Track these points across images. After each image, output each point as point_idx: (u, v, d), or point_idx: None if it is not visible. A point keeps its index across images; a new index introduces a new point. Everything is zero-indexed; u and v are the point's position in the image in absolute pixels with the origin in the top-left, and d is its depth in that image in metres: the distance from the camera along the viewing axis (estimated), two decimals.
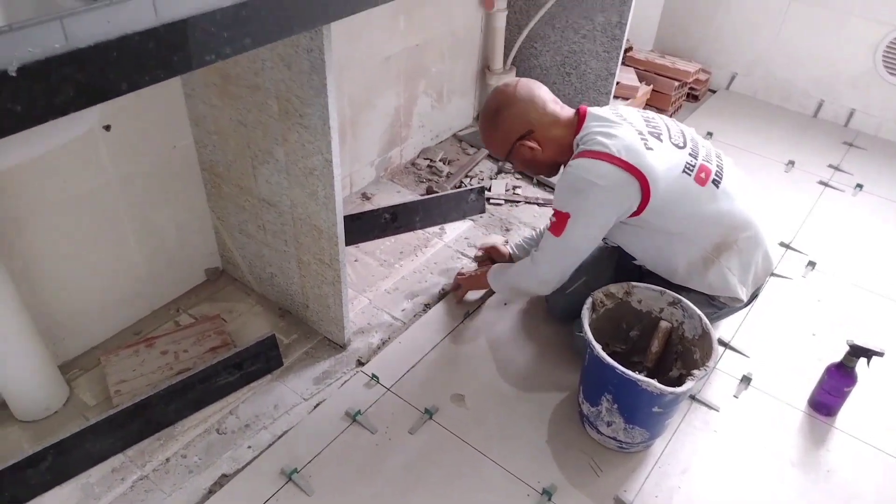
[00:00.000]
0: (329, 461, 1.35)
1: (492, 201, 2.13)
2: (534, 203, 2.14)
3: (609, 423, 1.35)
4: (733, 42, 2.79)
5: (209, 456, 1.35)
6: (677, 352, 1.44)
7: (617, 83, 2.32)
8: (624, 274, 1.54)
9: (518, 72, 2.44)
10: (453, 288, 1.78)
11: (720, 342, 1.68)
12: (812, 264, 1.96)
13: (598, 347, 1.29)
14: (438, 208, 2.01)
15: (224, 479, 1.31)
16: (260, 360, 1.49)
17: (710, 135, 2.56)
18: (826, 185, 2.33)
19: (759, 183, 2.31)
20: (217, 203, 1.63)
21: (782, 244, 2.03)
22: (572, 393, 1.53)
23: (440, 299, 1.77)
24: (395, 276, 1.83)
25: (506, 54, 2.38)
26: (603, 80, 2.27)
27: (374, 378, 1.53)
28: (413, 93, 2.17)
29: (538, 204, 2.14)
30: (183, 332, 1.55)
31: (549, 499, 1.31)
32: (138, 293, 1.60)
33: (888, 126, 2.60)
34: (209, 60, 0.81)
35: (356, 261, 1.87)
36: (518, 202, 2.14)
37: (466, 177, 2.23)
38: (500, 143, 1.50)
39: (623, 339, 1.51)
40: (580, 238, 1.40)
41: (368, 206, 2.06)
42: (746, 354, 1.66)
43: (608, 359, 1.27)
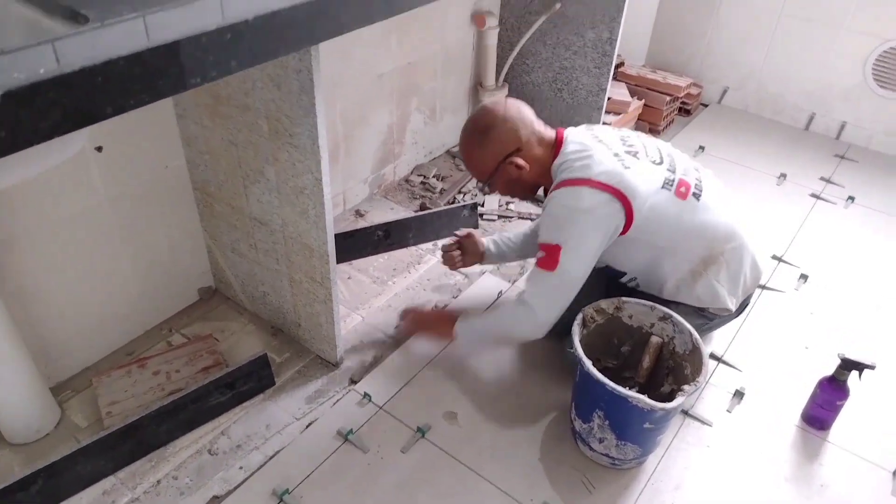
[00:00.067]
0: (321, 481, 1.35)
1: (485, 217, 2.13)
2: (527, 218, 2.15)
3: (601, 440, 1.35)
4: (724, 57, 2.81)
5: (200, 477, 1.34)
6: (669, 367, 1.44)
7: (608, 98, 2.34)
8: (614, 290, 1.55)
9: (510, 88, 2.46)
10: (405, 325, 1.67)
11: (713, 356, 1.68)
12: (804, 277, 1.96)
13: (589, 363, 1.29)
14: (431, 225, 2.02)
15: (215, 501, 1.30)
16: (252, 380, 1.49)
17: (701, 148, 2.57)
18: (818, 197, 2.33)
19: (750, 196, 2.32)
20: (209, 222, 1.64)
21: (774, 257, 2.03)
22: (565, 409, 1.52)
23: None
24: (388, 294, 1.84)
25: (498, 71, 2.40)
26: (594, 96, 2.29)
27: (367, 396, 1.52)
28: (406, 110, 2.19)
29: (531, 219, 2.15)
30: (175, 352, 1.55)
31: None
32: (131, 313, 1.60)
33: (879, 138, 2.61)
34: (194, 83, 0.82)
35: (349, 278, 1.88)
36: (511, 217, 2.15)
37: (459, 193, 2.24)
38: (486, 161, 1.47)
39: (615, 354, 1.51)
40: (576, 267, 1.37)
41: (362, 223, 2.07)
42: (739, 368, 1.66)
43: (598, 374, 1.27)
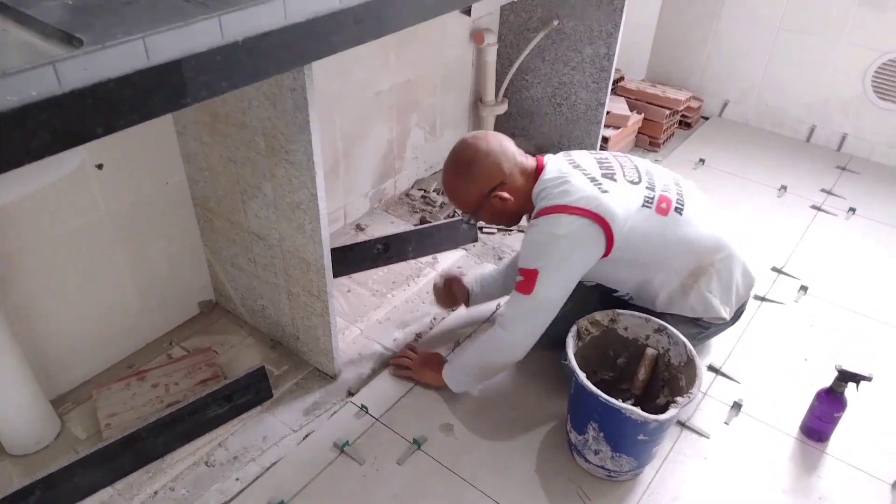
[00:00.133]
0: (316, 493, 1.36)
1: (484, 230, 2.15)
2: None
3: (596, 452, 1.35)
4: (724, 70, 2.83)
5: (197, 488, 1.36)
6: (664, 379, 1.44)
7: (607, 113, 2.36)
8: (609, 302, 1.55)
9: (510, 103, 2.48)
10: (398, 365, 1.64)
11: (711, 368, 1.68)
12: (804, 289, 1.96)
13: (582, 375, 1.30)
14: (431, 238, 2.03)
15: None
16: (250, 392, 1.50)
17: (702, 161, 2.58)
18: (819, 209, 2.33)
19: (751, 208, 2.32)
20: (209, 237, 1.66)
21: (774, 269, 2.03)
22: (561, 421, 1.53)
23: (431, 328, 1.78)
24: (387, 307, 1.85)
25: (497, 87, 2.43)
26: (593, 111, 2.31)
27: (364, 409, 1.53)
28: (406, 125, 2.22)
29: None
30: (174, 364, 1.57)
31: None
32: (132, 327, 1.62)
33: (881, 149, 2.61)
34: (185, 103, 0.84)
35: (348, 291, 1.89)
36: (510, 231, 2.16)
37: None
38: (471, 196, 1.47)
39: (611, 366, 1.52)
40: (552, 291, 1.39)
41: (362, 237, 2.08)
42: (737, 380, 1.66)
43: (592, 387, 1.28)
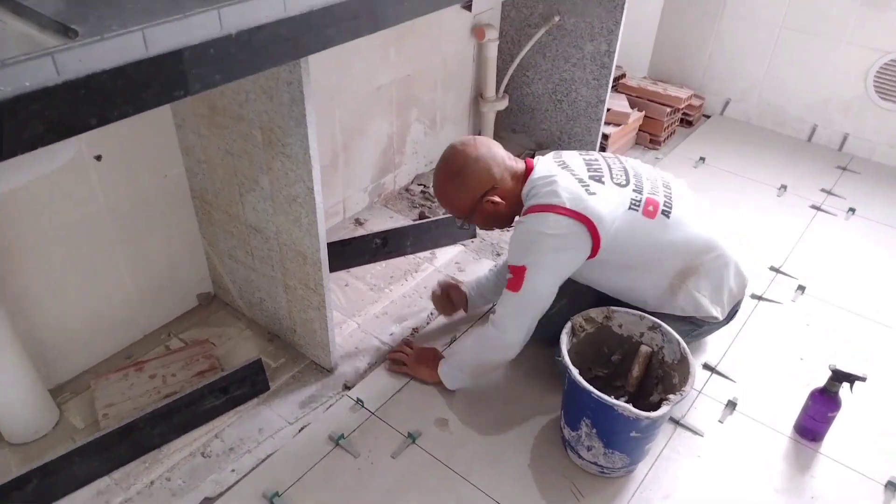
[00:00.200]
0: (311, 485, 1.37)
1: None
2: None
3: (589, 448, 1.36)
4: (726, 69, 2.82)
5: (193, 479, 1.37)
6: (658, 376, 1.44)
7: (608, 110, 2.36)
8: (604, 299, 1.56)
9: (511, 99, 2.48)
10: (394, 360, 1.64)
11: (706, 366, 1.69)
12: (802, 288, 1.96)
13: (575, 372, 1.31)
14: (429, 233, 2.04)
15: (207, 503, 1.32)
16: (246, 385, 1.51)
17: (702, 160, 2.58)
18: (818, 209, 2.33)
19: (750, 207, 2.32)
20: (208, 229, 1.67)
21: (772, 268, 2.03)
22: (555, 417, 1.53)
23: (428, 323, 1.79)
24: (385, 301, 1.86)
25: (498, 83, 2.43)
26: (593, 108, 2.31)
27: (359, 402, 1.54)
28: (406, 120, 2.22)
29: None
30: (172, 356, 1.58)
31: None
32: (130, 318, 1.63)
33: (882, 150, 2.61)
34: (178, 96, 0.85)
35: (346, 285, 1.90)
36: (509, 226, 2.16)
37: None
38: (464, 201, 1.48)
39: (605, 363, 1.52)
40: (539, 288, 1.41)
41: (361, 232, 2.09)
42: (733, 379, 1.66)
43: (584, 383, 1.28)
